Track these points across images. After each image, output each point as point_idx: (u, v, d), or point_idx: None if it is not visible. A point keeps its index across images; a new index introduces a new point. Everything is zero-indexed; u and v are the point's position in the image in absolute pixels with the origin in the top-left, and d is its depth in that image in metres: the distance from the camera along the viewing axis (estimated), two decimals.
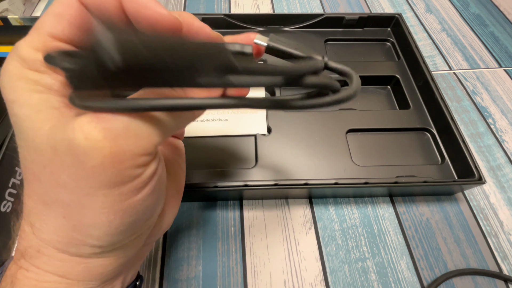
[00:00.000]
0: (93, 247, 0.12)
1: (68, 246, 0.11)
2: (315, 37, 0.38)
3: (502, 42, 0.42)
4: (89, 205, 0.10)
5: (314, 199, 0.28)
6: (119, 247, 0.13)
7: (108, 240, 0.12)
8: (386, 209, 0.28)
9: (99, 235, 0.11)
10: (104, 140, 0.09)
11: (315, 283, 0.24)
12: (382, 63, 0.36)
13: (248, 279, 0.24)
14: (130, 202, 0.11)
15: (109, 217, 0.11)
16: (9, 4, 0.40)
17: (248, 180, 0.26)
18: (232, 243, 0.26)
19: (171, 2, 0.45)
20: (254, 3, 0.46)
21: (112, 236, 0.12)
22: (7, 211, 0.23)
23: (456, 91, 0.37)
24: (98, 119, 0.10)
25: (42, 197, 0.11)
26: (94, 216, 0.11)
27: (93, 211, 0.11)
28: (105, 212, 0.11)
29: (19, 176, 0.24)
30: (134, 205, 0.11)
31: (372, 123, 0.31)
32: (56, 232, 0.11)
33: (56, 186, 0.10)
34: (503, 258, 0.26)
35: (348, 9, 0.46)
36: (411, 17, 0.45)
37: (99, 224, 0.11)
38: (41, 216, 0.11)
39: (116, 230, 0.11)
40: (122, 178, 0.10)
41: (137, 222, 0.12)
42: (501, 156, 0.32)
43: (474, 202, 0.29)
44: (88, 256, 0.12)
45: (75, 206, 0.10)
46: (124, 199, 0.11)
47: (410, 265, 0.25)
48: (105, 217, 0.11)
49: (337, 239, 0.26)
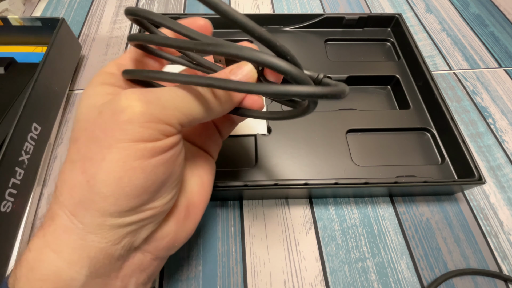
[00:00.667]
0: (98, 211, 0.13)
1: (78, 207, 0.13)
2: (315, 37, 0.38)
3: (502, 42, 0.42)
4: (108, 157, 0.12)
5: (314, 199, 0.28)
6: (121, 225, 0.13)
7: (113, 202, 0.12)
8: (386, 209, 0.28)
9: (107, 194, 0.12)
10: (138, 101, 0.13)
11: (315, 283, 0.24)
12: (382, 63, 0.36)
13: (248, 279, 0.24)
14: (142, 163, 0.12)
15: (120, 173, 0.12)
16: (9, 4, 0.40)
17: (248, 180, 0.26)
18: (232, 243, 0.26)
19: (171, 2, 0.45)
20: (254, 3, 0.46)
21: (118, 199, 0.12)
22: (7, 211, 0.23)
23: (456, 91, 0.37)
24: (139, 91, 0.13)
25: (72, 156, 0.13)
26: (108, 170, 0.12)
27: (109, 163, 0.12)
28: (118, 166, 0.12)
29: (19, 176, 0.24)
30: (144, 167, 0.13)
31: (372, 123, 0.31)
32: (71, 190, 0.13)
33: (89, 141, 0.13)
34: (503, 258, 0.26)
35: (348, 9, 0.46)
36: (411, 17, 0.45)
37: (109, 180, 0.12)
38: (64, 175, 0.13)
39: (123, 191, 0.12)
40: (142, 135, 0.12)
41: (143, 189, 0.13)
42: (501, 156, 0.32)
43: (474, 202, 0.29)
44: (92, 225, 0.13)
45: (96, 159, 0.12)
46: (138, 156, 0.12)
47: (410, 265, 0.25)
48: (117, 172, 0.12)
49: (337, 239, 0.26)
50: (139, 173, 0.13)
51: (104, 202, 0.12)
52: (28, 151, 0.26)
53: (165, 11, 0.44)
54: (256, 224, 0.27)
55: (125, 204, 0.13)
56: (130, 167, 0.12)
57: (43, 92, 0.28)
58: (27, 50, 0.35)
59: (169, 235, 0.16)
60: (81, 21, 0.42)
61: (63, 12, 0.43)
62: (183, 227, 0.17)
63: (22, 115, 0.25)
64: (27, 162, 0.25)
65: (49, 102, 0.30)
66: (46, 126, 0.29)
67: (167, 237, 0.16)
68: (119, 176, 0.12)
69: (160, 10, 0.44)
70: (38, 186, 0.27)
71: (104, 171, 0.12)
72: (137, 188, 0.13)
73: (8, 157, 0.23)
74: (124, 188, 0.12)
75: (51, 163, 0.29)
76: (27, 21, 0.33)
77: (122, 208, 0.13)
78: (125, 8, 0.15)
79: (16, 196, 0.24)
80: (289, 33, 0.38)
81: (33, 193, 0.26)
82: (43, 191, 0.28)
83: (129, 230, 0.14)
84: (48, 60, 0.29)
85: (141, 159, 0.13)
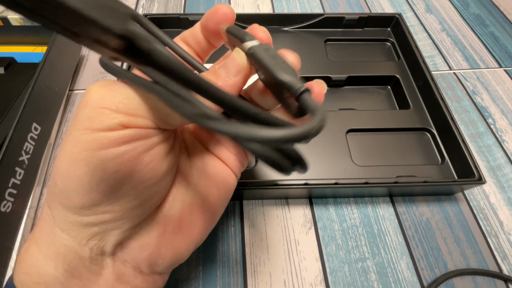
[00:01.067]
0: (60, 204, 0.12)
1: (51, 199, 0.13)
2: (315, 37, 0.38)
3: (502, 42, 0.42)
4: (64, 147, 0.12)
5: (314, 199, 0.28)
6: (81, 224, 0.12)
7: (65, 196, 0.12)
8: (386, 209, 0.28)
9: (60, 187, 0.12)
10: (95, 87, 0.12)
11: (315, 283, 0.24)
12: (382, 63, 0.36)
13: (248, 279, 0.24)
14: (87, 154, 0.11)
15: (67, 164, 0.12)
16: None
17: (248, 180, 0.26)
18: (232, 243, 0.26)
19: (171, 2, 0.45)
20: (254, 3, 0.46)
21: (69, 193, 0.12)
22: (7, 211, 0.23)
23: (456, 91, 0.37)
24: (104, 81, 0.12)
25: None
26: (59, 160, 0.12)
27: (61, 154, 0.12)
28: (66, 157, 0.12)
29: (19, 176, 0.24)
30: (89, 160, 0.11)
31: (372, 123, 0.31)
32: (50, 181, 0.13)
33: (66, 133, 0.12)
34: (503, 258, 0.26)
35: (348, 9, 0.46)
36: (411, 17, 0.45)
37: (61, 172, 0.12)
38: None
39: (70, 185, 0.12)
40: (92, 122, 0.11)
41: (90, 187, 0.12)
42: (501, 156, 0.32)
43: (474, 202, 0.29)
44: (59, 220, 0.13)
45: (62, 151, 0.12)
46: (84, 147, 0.11)
47: (410, 265, 0.25)
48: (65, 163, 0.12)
49: (337, 239, 0.26)
50: (82, 166, 0.11)
51: (61, 196, 0.12)
52: (28, 151, 0.26)
53: (165, 11, 0.44)
54: (256, 224, 0.26)
55: (77, 200, 0.12)
56: (74, 159, 0.11)
57: (43, 92, 0.28)
58: (27, 50, 0.35)
59: (148, 248, 0.14)
60: None
61: None
62: (169, 243, 0.15)
63: (22, 115, 0.25)
64: (27, 162, 0.25)
65: (49, 102, 0.30)
66: (46, 126, 0.29)
67: (147, 249, 0.14)
68: (66, 168, 0.11)
69: (160, 10, 0.44)
70: (38, 186, 0.27)
71: (58, 162, 0.12)
72: (83, 184, 0.11)
73: (8, 157, 0.23)
74: (70, 183, 0.11)
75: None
76: (27, 21, 0.33)
77: (75, 204, 0.12)
78: None
79: (16, 196, 0.24)
80: (289, 33, 0.38)
81: (33, 193, 0.26)
82: (43, 191, 0.28)
83: (93, 232, 0.13)
84: (48, 60, 0.29)
85: (87, 150, 0.11)
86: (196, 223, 0.16)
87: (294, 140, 0.09)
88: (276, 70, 0.12)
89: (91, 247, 0.13)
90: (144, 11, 0.44)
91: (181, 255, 0.15)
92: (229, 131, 0.09)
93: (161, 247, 0.15)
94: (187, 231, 0.15)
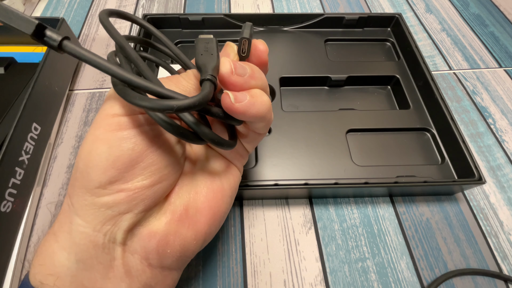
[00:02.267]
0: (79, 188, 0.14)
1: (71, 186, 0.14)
2: (315, 37, 0.38)
3: (502, 42, 0.42)
4: (88, 133, 0.14)
5: (314, 199, 0.28)
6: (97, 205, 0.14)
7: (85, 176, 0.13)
8: (386, 209, 0.28)
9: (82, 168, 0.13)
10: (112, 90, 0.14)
11: (315, 283, 0.24)
12: (382, 63, 0.36)
13: (248, 279, 0.24)
14: (107, 134, 0.13)
15: (90, 145, 0.13)
16: (9, 4, 0.40)
17: (248, 180, 0.26)
18: (232, 243, 0.26)
19: (171, 2, 0.45)
20: (254, 3, 0.46)
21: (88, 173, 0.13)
22: (7, 211, 0.23)
23: (456, 91, 0.37)
24: None
25: None
26: (83, 144, 0.14)
27: (85, 138, 0.14)
28: (89, 139, 0.13)
29: (19, 176, 0.24)
30: (108, 138, 0.13)
31: (372, 123, 0.31)
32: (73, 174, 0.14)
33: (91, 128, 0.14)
34: (503, 258, 0.26)
35: (348, 9, 0.46)
36: (411, 17, 0.45)
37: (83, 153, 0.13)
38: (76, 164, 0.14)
39: (91, 163, 0.13)
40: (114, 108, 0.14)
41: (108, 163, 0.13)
42: (501, 156, 0.32)
43: (474, 202, 0.29)
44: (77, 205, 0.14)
45: (86, 137, 0.14)
46: (106, 128, 0.13)
47: (410, 265, 0.25)
48: (88, 145, 0.13)
49: (337, 239, 0.26)
50: (103, 144, 0.13)
51: (82, 178, 0.13)
52: (28, 151, 0.26)
53: (165, 11, 0.44)
54: (256, 224, 0.26)
55: (95, 178, 0.13)
56: (96, 138, 0.13)
57: (43, 92, 0.28)
58: (27, 50, 0.35)
59: (156, 235, 0.15)
60: (81, 21, 0.42)
61: (63, 12, 0.43)
62: (177, 231, 0.16)
63: (22, 115, 0.25)
64: (27, 162, 0.25)
65: (49, 102, 0.30)
66: (46, 126, 0.29)
67: (155, 236, 0.15)
68: (89, 148, 0.13)
69: (160, 10, 0.44)
70: (38, 186, 0.27)
71: (82, 147, 0.14)
72: (101, 160, 0.13)
73: (8, 157, 0.23)
74: (91, 160, 0.13)
75: (51, 163, 0.29)
76: None
77: (93, 183, 0.13)
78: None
79: (16, 196, 0.24)
80: (289, 33, 0.38)
81: (33, 193, 0.26)
82: (43, 191, 0.28)
83: (107, 215, 0.14)
84: (48, 60, 0.29)
85: (108, 131, 0.13)
86: (202, 213, 0.17)
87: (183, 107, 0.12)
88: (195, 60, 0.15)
89: (105, 232, 0.14)
90: (144, 11, 0.44)
91: (189, 246, 0.16)
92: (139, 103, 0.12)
93: (168, 235, 0.15)
94: (193, 220, 0.16)
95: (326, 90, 0.35)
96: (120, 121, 0.13)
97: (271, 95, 0.33)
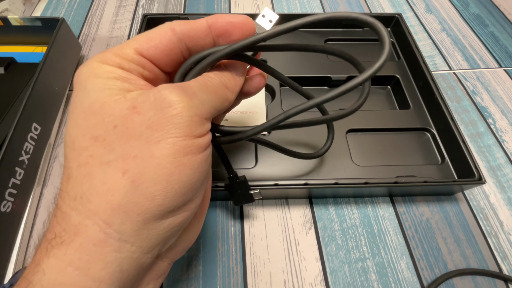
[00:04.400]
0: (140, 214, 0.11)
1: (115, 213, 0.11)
2: (315, 37, 0.38)
3: (502, 42, 0.42)
4: (157, 153, 0.12)
5: (314, 199, 0.28)
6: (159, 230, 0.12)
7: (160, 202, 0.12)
8: (386, 209, 0.28)
9: (154, 193, 0.11)
10: (184, 95, 0.12)
11: (315, 283, 0.24)
12: None
13: (248, 279, 0.24)
14: (191, 159, 0.12)
15: (171, 169, 0.12)
16: (9, 4, 0.40)
17: (248, 180, 0.26)
18: (232, 243, 0.26)
19: (171, 2, 0.45)
20: (254, 3, 0.46)
21: (165, 197, 0.12)
22: (7, 211, 0.23)
23: (456, 91, 0.37)
24: (174, 85, 0.13)
25: (101, 158, 0.12)
26: (158, 166, 0.11)
27: (159, 160, 0.12)
28: (169, 162, 0.12)
29: (19, 176, 0.24)
30: (192, 163, 0.12)
31: (372, 123, 0.31)
32: (107, 195, 0.11)
33: (126, 139, 0.12)
34: (503, 258, 0.26)
35: (348, 9, 0.46)
36: (411, 17, 0.45)
37: (159, 177, 0.12)
38: (93, 179, 0.11)
39: (172, 188, 0.12)
40: (192, 130, 0.12)
41: (190, 187, 0.13)
42: (501, 156, 0.32)
43: (474, 202, 0.29)
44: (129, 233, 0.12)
45: (142, 157, 0.11)
46: (187, 152, 0.12)
47: (410, 265, 0.25)
48: (168, 169, 0.12)
49: (337, 239, 0.26)
50: (188, 169, 0.12)
51: (150, 203, 0.12)
52: (28, 151, 0.26)
53: (165, 11, 0.44)
54: (256, 224, 0.26)
55: (172, 203, 0.12)
56: (180, 163, 0.12)
57: (43, 92, 0.28)
58: (27, 50, 0.35)
59: (186, 239, 0.16)
60: (81, 21, 0.42)
61: (63, 12, 0.43)
62: (194, 228, 0.16)
63: (22, 115, 0.25)
64: (27, 162, 0.25)
65: (49, 102, 0.30)
66: (46, 126, 0.29)
67: (185, 240, 0.16)
68: (170, 172, 0.12)
69: (160, 10, 0.44)
70: (38, 186, 0.27)
71: (154, 168, 0.11)
72: (185, 185, 0.12)
73: (8, 157, 0.23)
74: (174, 186, 0.12)
75: (51, 163, 0.29)
76: (27, 21, 0.33)
77: (167, 208, 0.12)
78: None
79: (16, 196, 0.24)
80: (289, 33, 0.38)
81: (33, 193, 0.26)
82: (43, 191, 0.28)
83: (164, 236, 0.13)
84: (48, 60, 0.29)
85: (190, 154, 0.12)
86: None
87: None
88: None
89: (154, 252, 0.13)
90: (144, 11, 0.44)
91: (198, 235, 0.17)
92: None
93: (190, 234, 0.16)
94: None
95: (326, 90, 0.35)
96: (199, 143, 0.13)
97: (271, 95, 0.33)
